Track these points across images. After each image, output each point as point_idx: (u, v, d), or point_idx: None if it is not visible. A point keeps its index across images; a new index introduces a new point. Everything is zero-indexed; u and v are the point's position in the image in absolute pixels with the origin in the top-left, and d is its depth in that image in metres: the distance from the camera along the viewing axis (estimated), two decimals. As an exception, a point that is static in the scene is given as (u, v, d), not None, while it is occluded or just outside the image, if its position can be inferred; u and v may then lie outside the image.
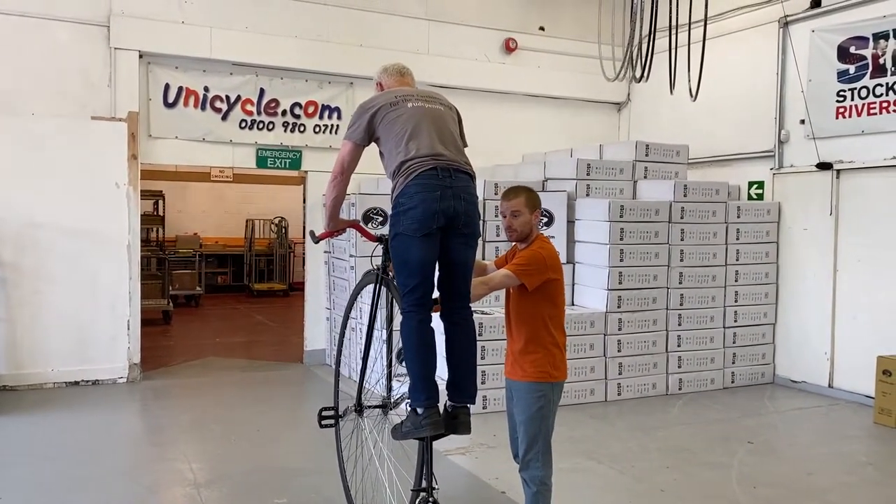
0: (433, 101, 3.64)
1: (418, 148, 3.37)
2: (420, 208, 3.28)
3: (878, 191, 7.03)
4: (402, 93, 3.61)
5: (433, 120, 3.51)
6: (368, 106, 3.59)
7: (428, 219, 3.28)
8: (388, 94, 3.62)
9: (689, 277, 7.49)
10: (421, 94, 3.64)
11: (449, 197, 3.30)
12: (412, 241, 3.32)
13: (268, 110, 8.17)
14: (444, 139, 3.47)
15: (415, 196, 3.29)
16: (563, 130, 9.60)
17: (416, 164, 3.34)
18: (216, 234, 16.15)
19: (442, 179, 3.31)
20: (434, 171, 3.32)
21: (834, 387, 7.38)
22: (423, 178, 3.30)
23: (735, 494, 4.75)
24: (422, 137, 3.41)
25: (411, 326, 3.37)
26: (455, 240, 3.39)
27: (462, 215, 3.35)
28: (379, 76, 3.92)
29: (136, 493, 4.69)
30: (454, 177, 3.36)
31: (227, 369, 8.32)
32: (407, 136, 3.41)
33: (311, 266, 8.67)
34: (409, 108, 3.50)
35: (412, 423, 3.35)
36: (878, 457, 5.64)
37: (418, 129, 3.43)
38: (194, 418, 6.38)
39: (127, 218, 7.45)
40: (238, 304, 14.10)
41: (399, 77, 3.83)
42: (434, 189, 3.28)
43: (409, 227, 3.30)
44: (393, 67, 3.90)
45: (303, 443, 5.75)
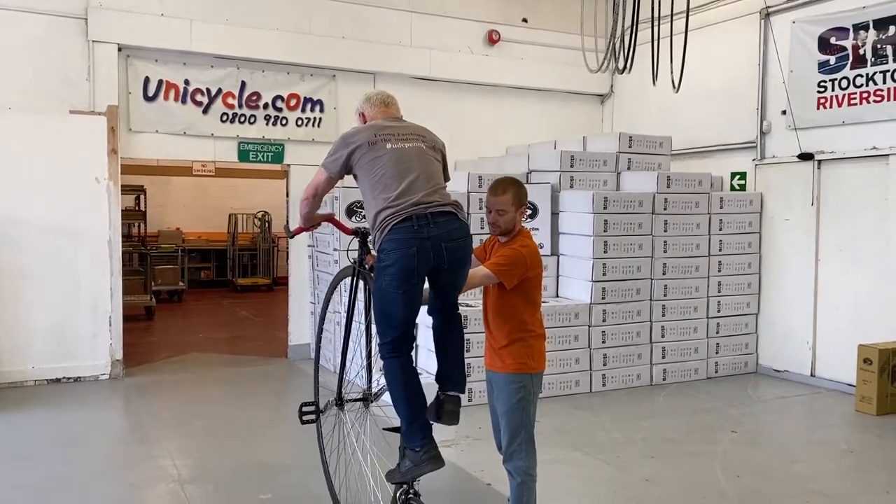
0: (415, 138, 3.50)
1: (393, 196, 3.25)
2: (397, 266, 3.21)
3: (859, 181, 7.09)
4: (384, 130, 3.46)
5: (411, 160, 3.38)
6: (349, 141, 3.47)
7: (407, 277, 3.23)
8: (368, 130, 3.48)
9: (673, 268, 7.52)
10: (403, 132, 3.50)
11: (427, 249, 3.22)
12: (394, 296, 3.26)
13: (249, 103, 8.10)
14: (420, 180, 3.33)
15: (392, 253, 3.21)
16: (546, 122, 9.60)
17: (391, 215, 3.23)
18: (199, 229, 16.02)
19: (418, 231, 3.20)
20: (409, 223, 3.21)
21: (816, 375, 7.45)
22: (398, 231, 3.21)
23: (719, 483, 4.78)
24: (397, 182, 3.28)
25: (394, 372, 3.33)
26: (444, 274, 3.36)
27: (447, 263, 3.29)
28: (361, 106, 3.76)
29: (120, 490, 4.65)
30: (433, 223, 3.23)
31: (210, 365, 8.27)
32: (382, 184, 3.30)
33: (295, 260, 8.63)
34: (387, 149, 3.37)
35: (411, 460, 3.30)
36: (858, 444, 5.70)
37: (395, 174, 3.31)
38: (178, 415, 6.33)
39: (107, 213, 7.37)
40: (222, 300, 14.01)
41: (383, 108, 3.67)
42: (409, 245, 3.19)
43: (390, 284, 3.24)
44: (376, 97, 3.72)
45: (287, 438, 5.72)
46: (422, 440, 3.26)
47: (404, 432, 3.32)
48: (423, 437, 3.27)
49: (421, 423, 3.30)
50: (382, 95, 3.72)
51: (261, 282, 15.39)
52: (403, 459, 3.30)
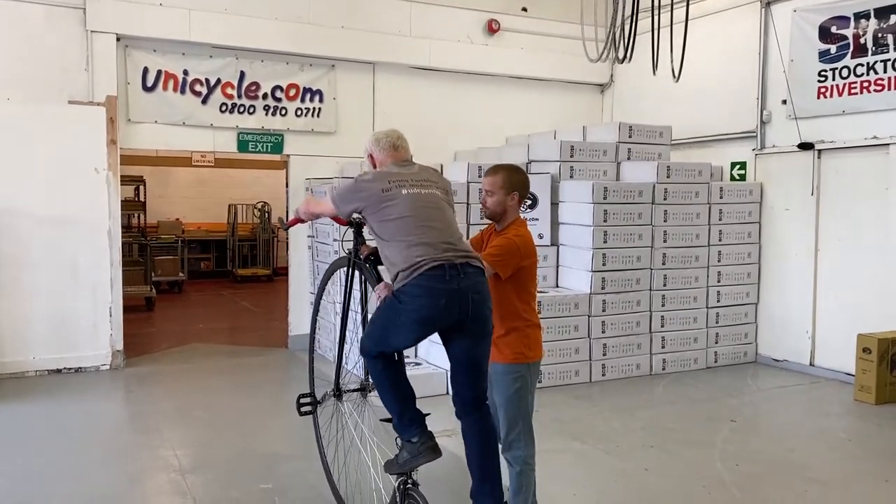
0: (428, 184, 3.35)
1: (423, 241, 3.13)
2: (421, 313, 3.07)
3: (859, 170, 7.08)
4: (397, 177, 3.31)
5: (431, 208, 3.27)
6: (360, 187, 3.32)
7: (427, 326, 3.14)
8: (381, 179, 3.30)
9: (673, 258, 7.52)
10: (416, 178, 3.35)
11: (455, 304, 3.07)
12: (399, 330, 3.16)
13: (248, 93, 8.08)
14: (447, 229, 3.24)
15: (417, 299, 3.05)
16: (546, 112, 9.58)
17: (423, 258, 3.08)
18: (198, 220, 16.02)
19: (449, 281, 3.05)
20: (441, 271, 3.06)
21: (815, 365, 7.46)
22: (430, 279, 3.05)
23: (718, 472, 4.79)
24: (423, 228, 3.17)
25: (378, 370, 3.30)
26: (465, 340, 3.17)
27: (470, 317, 3.12)
28: (370, 147, 3.57)
29: (121, 480, 4.67)
30: (462, 274, 3.09)
31: (211, 355, 8.29)
32: (405, 228, 3.17)
33: (295, 251, 8.63)
34: (403, 195, 3.23)
35: (409, 451, 3.25)
36: (857, 433, 5.72)
37: (418, 219, 3.19)
38: (178, 405, 6.35)
39: (107, 203, 7.36)
40: (222, 290, 14.01)
41: (392, 152, 3.48)
42: (439, 295, 3.04)
43: (404, 324, 3.13)
44: (386, 140, 3.51)
45: (288, 428, 5.73)
46: (416, 431, 3.24)
47: (396, 426, 3.30)
48: (416, 428, 3.25)
49: (412, 415, 3.27)
50: (392, 138, 3.52)
51: (261, 272, 15.39)
52: (401, 451, 3.29)
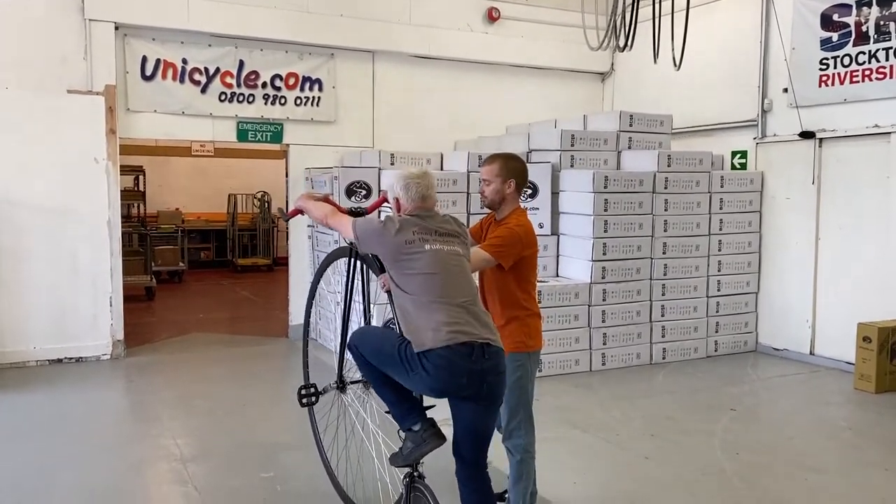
0: (451, 240, 3.21)
1: (451, 309, 3.02)
2: (435, 385, 2.98)
3: (860, 159, 7.06)
4: (422, 228, 3.16)
5: (456, 269, 3.14)
6: (385, 236, 3.15)
7: (435, 394, 3.05)
8: (406, 228, 3.14)
9: (673, 248, 7.51)
10: (440, 229, 3.21)
11: (475, 382, 2.97)
12: (404, 379, 3.09)
13: (248, 82, 8.05)
14: (472, 297, 3.13)
15: (439, 370, 2.94)
16: (546, 101, 9.54)
17: (452, 331, 2.96)
18: (198, 210, 15.99)
19: (474, 362, 2.95)
20: (469, 349, 2.95)
21: (816, 354, 7.47)
22: (454, 353, 2.93)
23: (719, 461, 4.80)
24: (451, 294, 3.06)
25: (365, 365, 3.29)
26: (475, 408, 3.05)
27: (484, 392, 3.02)
28: (396, 189, 3.31)
29: (122, 469, 4.67)
30: (487, 355, 2.99)
31: (211, 345, 8.29)
32: (428, 287, 3.05)
33: (295, 240, 8.62)
34: (426, 250, 3.11)
35: (412, 440, 3.22)
36: (857, 422, 5.73)
37: (444, 280, 3.08)
38: (179, 394, 6.36)
39: (106, 193, 7.35)
40: (222, 280, 14.02)
41: (420, 202, 3.26)
42: (462, 374, 2.94)
43: (413, 381, 3.05)
44: (416, 190, 3.25)
45: (288, 417, 5.73)
46: (416, 419, 3.23)
47: (395, 416, 3.28)
48: (416, 415, 3.23)
49: (410, 404, 3.25)
50: (422, 188, 3.26)
51: (261, 262, 15.39)
52: (405, 442, 3.27)
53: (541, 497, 4.00)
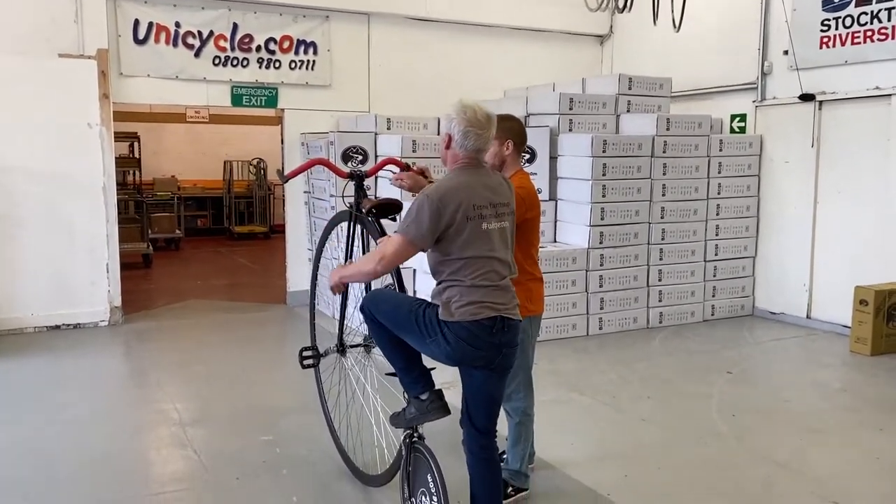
0: (500, 211, 2.99)
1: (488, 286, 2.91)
2: (454, 355, 2.91)
3: (860, 122, 7.01)
4: (468, 202, 2.88)
5: (500, 250, 2.98)
6: (435, 220, 2.84)
7: (450, 363, 2.97)
8: (466, 201, 2.87)
9: (671, 212, 7.49)
10: (493, 198, 2.97)
11: (491, 354, 2.92)
12: (420, 345, 3.01)
13: (242, 46, 7.95)
14: (504, 257, 3.00)
15: (460, 342, 2.87)
16: (545, 65, 9.43)
17: (481, 307, 2.87)
18: (194, 177, 15.88)
19: (494, 335, 2.89)
20: (490, 324, 2.88)
21: (812, 317, 7.49)
22: (479, 327, 2.87)
23: (714, 422, 4.84)
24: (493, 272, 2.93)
25: (377, 330, 3.18)
26: (488, 376, 2.98)
27: (497, 362, 2.96)
28: (453, 129, 2.94)
29: (122, 433, 4.69)
30: (506, 328, 2.93)
31: (209, 311, 8.30)
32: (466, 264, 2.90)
33: (292, 207, 8.58)
34: (482, 229, 2.90)
35: (416, 408, 3.17)
36: (852, 384, 5.76)
37: (486, 266, 2.92)
38: (178, 360, 6.37)
39: (101, 159, 7.29)
40: (219, 247, 13.99)
41: (474, 155, 2.97)
42: (480, 346, 2.88)
43: (431, 349, 2.96)
44: (474, 140, 2.92)
45: (287, 382, 5.77)
46: (423, 387, 3.18)
47: (402, 382, 3.25)
48: (423, 384, 3.19)
49: (418, 371, 3.20)
50: (482, 140, 2.94)
51: (258, 229, 15.35)
52: (408, 406, 3.24)
53: (538, 458, 4.04)
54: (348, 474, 3.98)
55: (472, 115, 2.92)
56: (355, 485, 3.88)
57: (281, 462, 4.18)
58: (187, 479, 4.03)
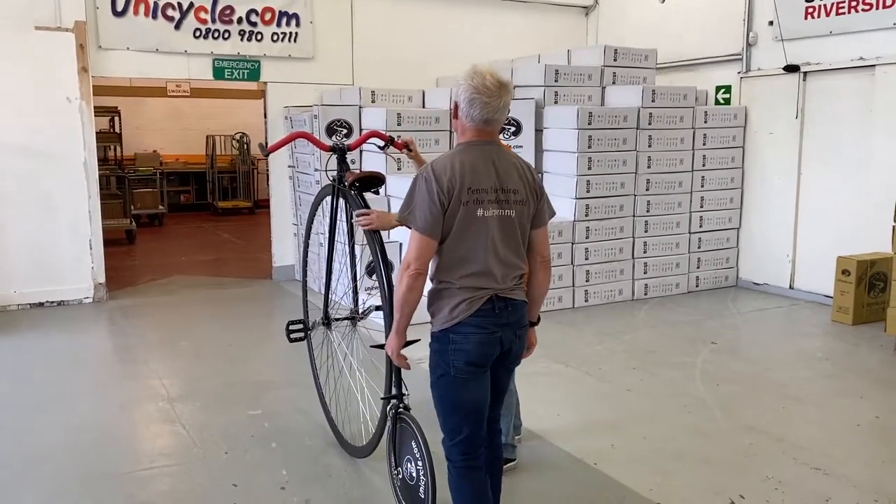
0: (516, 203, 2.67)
1: (476, 271, 2.63)
2: (478, 350, 2.63)
3: (844, 93, 7.03)
4: (478, 187, 2.61)
5: (503, 229, 2.66)
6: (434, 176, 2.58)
7: (485, 358, 2.67)
8: (461, 183, 2.58)
9: (657, 184, 7.50)
10: (498, 182, 2.64)
11: (508, 336, 2.69)
12: (465, 382, 2.67)
13: (223, 18, 7.82)
14: (506, 256, 2.68)
15: (470, 336, 2.62)
16: (530, 36, 9.37)
17: (472, 295, 2.62)
18: (176, 152, 15.74)
19: (499, 316, 2.65)
20: (490, 307, 2.63)
21: (795, 288, 7.57)
22: (481, 314, 2.63)
23: (699, 391, 4.90)
24: (483, 259, 2.63)
25: (465, 490, 2.76)
26: (500, 369, 2.81)
27: (514, 349, 2.76)
28: (460, 97, 2.66)
29: (109, 409, 4.69)
30: (510, 308, 2.68)
31: (194, 287, 8.26)
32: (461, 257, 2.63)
33: (276, 181, 8.52)
34: (476, 216, 2.60)
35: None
36: (834, 353, 5.84)
37: (484, 248, 2.63)
38: (164, 336, 6.35)
39: (81, 134, 7.19)
40: (203, 223, 13.90)
41: (482, 127, 2.66)
42: (494, 330, 2.65)
43: (462, 370, 2.64)
44: (480, 108, 2.62)
45: (274, 357, 5.78)
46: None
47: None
48: None
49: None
50: (490, 109, 2.62)
51: (242, 205, 15.26)
52: None
53: (525, 429, 4.08)
54: (336, 447, 4.00)
55: (480, 82, 2.60)
56: (344, 457, 3.91)
57: (269, 436, 4.20)
58: (176, 453, 4.04)
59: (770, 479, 3.62)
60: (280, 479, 3.68)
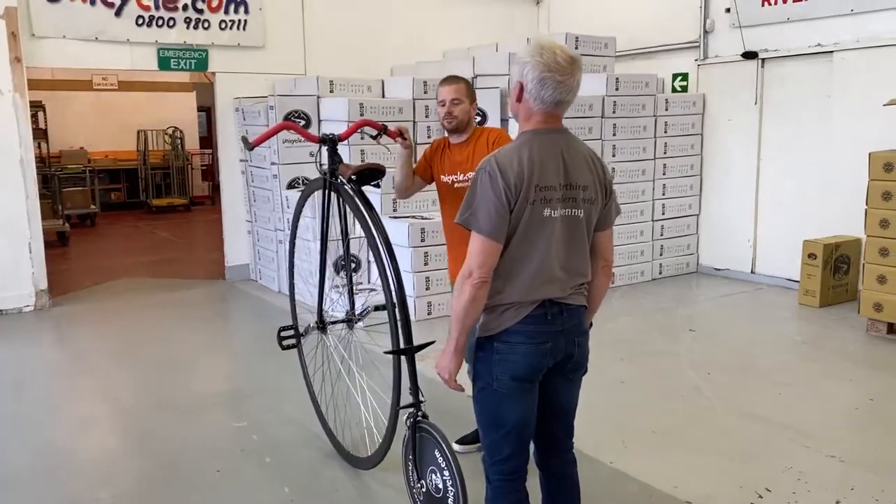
0: (577, 198, 2.36)
1: (535, 279, 2.33)
2: (524, 362, 2.36)
3: (802, 78, 7.13)
4: (546, 176, 2.29)
5: (570, 232, 2.37)
6: (499, 169, 2.26)
7: (533, 372, 2.39)
8: (528, 179, 2.26)
9: (621, 173, 7.46)
10: (567, 178, 2.33)
11: (561, 344, 2.41)
12: (509, 397, 2.39)
13: (167, 5, 7.36)
14: (571, 262, 2.39)
15: (518, 346, 2.35)
16: (480, 25, 9.19)
17: (523, 302, 2.34)
18: (105, 148, 14.95)
19: (552, 323, 2.37)
20: (542, 312, 2.36)
21: (756, 272, 7.67)
22: (531, 321, 2.35)
23: (692, 380, 4.84)
24: (546, 265, 2.34)
25: (498, 499, 2.53)
26: (559, 379, 2.49)
27: (573, 358, 2.48)
28: (526, 75, 2.30)
29: (74, 427, 4.31)
30: (565, 313, 2.40)
31: (143, 290, 7.78)
32: (527, 262, 2.34)
33: (227, 177, 8.10)
34: (542, 216, 2.30)
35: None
36: (811, 336, 5.89)
37: (546, 253, 2.33)
38: (119, 344, 5.93)
39: (16, 129, 6.65)
40: (138, 222, 13.23)
41: (553, 110, 2.34)
42: (544, 339, 2.36)
43: (507, 383, 2.36)
44: (552, 88, 2.28)
45: (246, 363, 5.46)
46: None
47: None
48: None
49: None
50: (563, 89, 2.30)
51: (177, 202, 14.62)
52: None
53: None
54: (336, 458, 3.75)
55: (551, 58, 2.27)
56: (346, 469, 3.66)
57: (261, 449, 3.91)
58: (161, 475, 3.70)
59: (790, 470, 3.57)
60: (284, 497, 3.42)
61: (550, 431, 2.59)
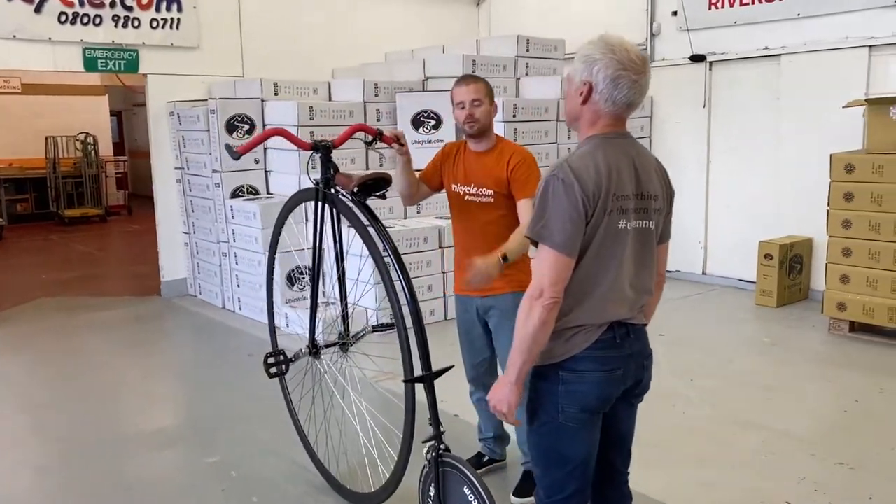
0: (654, 210, 2.18)
1: (606, 299, 2.13)
2: (595, 392, 2.15)
3: (749, 82, 7.23)
4: (622, 185, 2.09)
5: (642, 245, 2.18)
6: (574, 176, 2.02)
7: (605, 403, 2.19)
8: (605, 175, 2.06)
9: (576, 176, 7.37)
10: (644, 192, 2.15)
11: (631, 370, 2.21)
12: (576, 432, 2.18)
13: (93, 1, 6.80)
14: (640, 278, 2.20)
15: (587, 374, 2.13)
16: (420, 27, 8.97)
17: (592, 325, 2.13)
18: (7, 156, 13.88)
19: (621, 347, 2.16)
20: (612, 336, 2.15)
21: (707, 273, 7.73)
22: (601, 346, 2.13)
23: (677, 388, 4.75)
24: (617, 282, 2.13)
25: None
26: (622, 405, 2.27)
27: (642, 383, 2.30)
28: (596, 75, 2.08)
29: (22, 472, 3.82)
30: (632, 335, 2.20)
31: (70, 310, 7.14)
32: (599, 279, 2.12)
33: (162, 186, 7.56)
34: (618, 228, 2.09)
35: None
36: (777, 337, 5.90)
37: (618, 268, 2.13)
38: (53, 373, 5.37)
39: (-75, 137, 5.98)
40: (50, 234, 12.32)
41: (624, 112, 2.15)
42: (616, 366, 2.16)
43: (575, 416, 2.15)
44: (628, 89, 2.08)
45: (204, 389, 5.04)
46: None
47: None
48: None
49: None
50: (637, 90, 2.10)
51: (91, 212, 13.72)
52: None
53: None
54: (329, 492, 3.44)
55: (625, 56, 2.07)
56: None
57: (244, 488, 3.54)
58: (133, 523, 3.31)
59: (804, 481, 3.49)
60: (283, 543, 3.09)
61: (609, 461, 2.37)
